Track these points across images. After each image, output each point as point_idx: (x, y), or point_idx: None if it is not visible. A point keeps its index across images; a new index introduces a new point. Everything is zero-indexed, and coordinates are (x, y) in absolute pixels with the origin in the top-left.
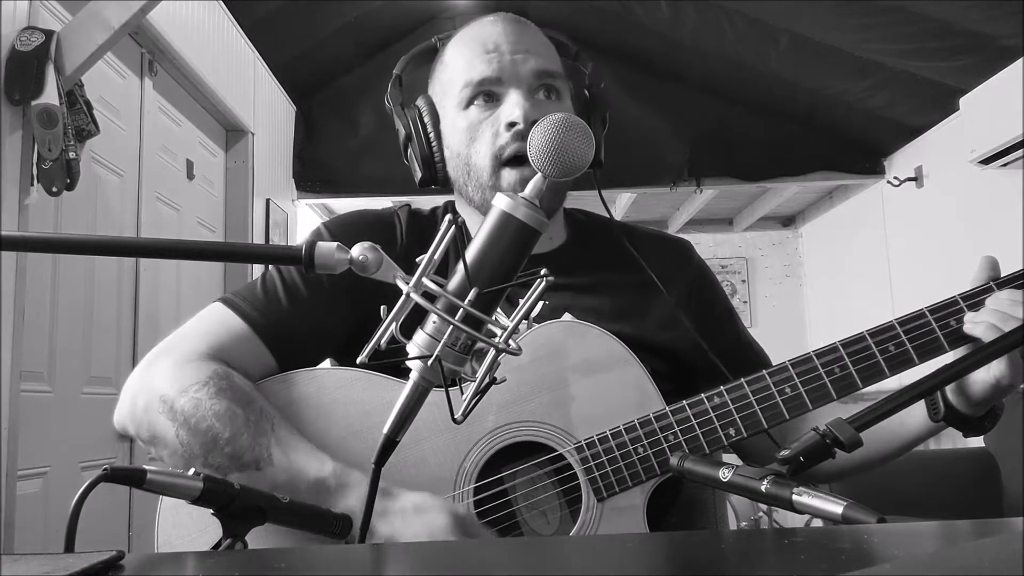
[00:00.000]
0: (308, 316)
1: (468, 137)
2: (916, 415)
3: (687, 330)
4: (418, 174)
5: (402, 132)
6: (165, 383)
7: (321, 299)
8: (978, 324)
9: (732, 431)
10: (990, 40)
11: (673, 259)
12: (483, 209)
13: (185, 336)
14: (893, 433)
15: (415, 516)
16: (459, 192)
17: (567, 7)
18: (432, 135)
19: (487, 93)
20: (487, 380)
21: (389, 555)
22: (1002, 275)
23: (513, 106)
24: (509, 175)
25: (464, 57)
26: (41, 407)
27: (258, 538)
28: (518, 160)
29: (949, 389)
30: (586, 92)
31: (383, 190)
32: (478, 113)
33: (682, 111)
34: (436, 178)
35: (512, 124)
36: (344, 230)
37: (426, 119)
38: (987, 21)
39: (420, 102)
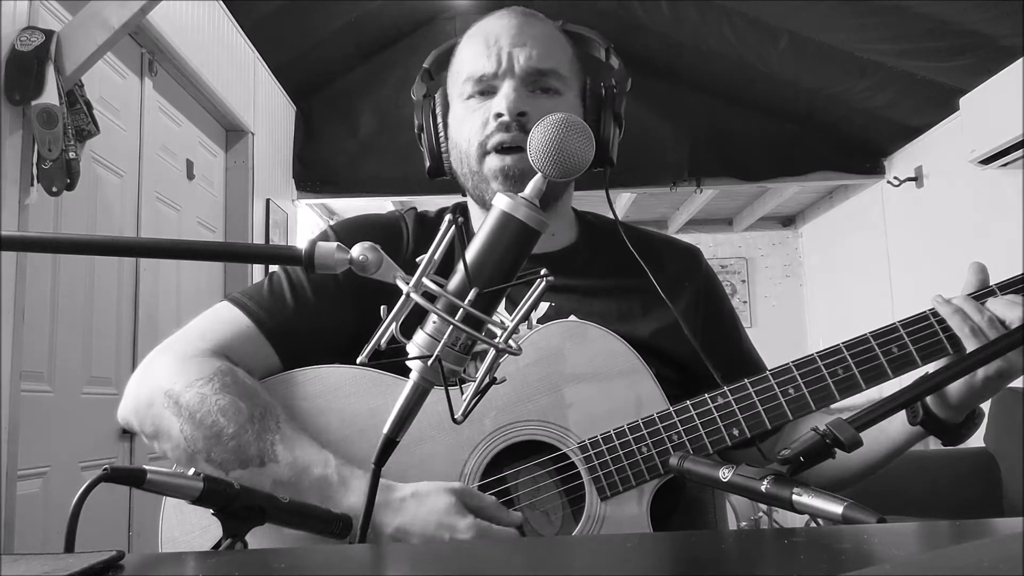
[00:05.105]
0: (313, 317)
1: (463, 127)
2: (896, 422)
3: (692, 337)
4: (426, 163)
5: (416, 123)
6: (169, 378)
7: (327, 301)
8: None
9: (736, 431)
10: (990, 40)
11: (683, 266)
12: (477, 198)
13: (190, 333)
14: (875, 441)
15: (417, 504)
16: (461, 183)
17: (567, 7)
18: (440, 126)
19: (484, 88)
20: (487, 380)
21: (389, 555)
22: (991, 280)
23: (501, 98)
24: (492, 160)
25: (470, 51)
26: (41, 407)
27: (258, 538)
28: (503, 149)
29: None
30: (602, 90)
31: (383, 190)
32: (474, 104)
33: (682, 111)
34: (442, 168)
35: (498, 115)
36: (350, 233)
37: (437, 110)
38: (987, 21)
39: (436, 95)
